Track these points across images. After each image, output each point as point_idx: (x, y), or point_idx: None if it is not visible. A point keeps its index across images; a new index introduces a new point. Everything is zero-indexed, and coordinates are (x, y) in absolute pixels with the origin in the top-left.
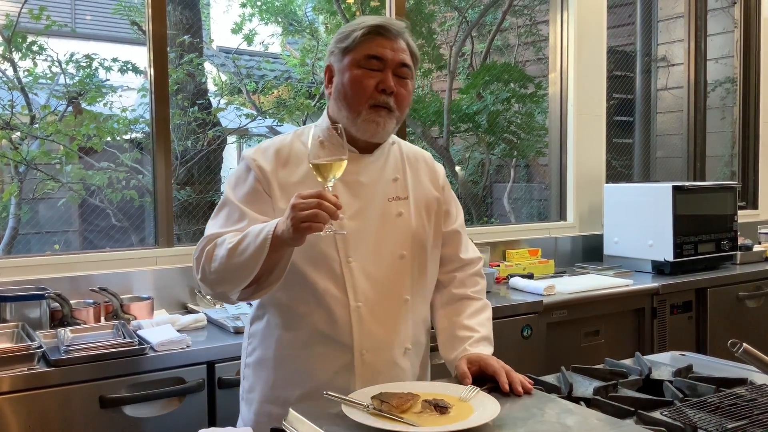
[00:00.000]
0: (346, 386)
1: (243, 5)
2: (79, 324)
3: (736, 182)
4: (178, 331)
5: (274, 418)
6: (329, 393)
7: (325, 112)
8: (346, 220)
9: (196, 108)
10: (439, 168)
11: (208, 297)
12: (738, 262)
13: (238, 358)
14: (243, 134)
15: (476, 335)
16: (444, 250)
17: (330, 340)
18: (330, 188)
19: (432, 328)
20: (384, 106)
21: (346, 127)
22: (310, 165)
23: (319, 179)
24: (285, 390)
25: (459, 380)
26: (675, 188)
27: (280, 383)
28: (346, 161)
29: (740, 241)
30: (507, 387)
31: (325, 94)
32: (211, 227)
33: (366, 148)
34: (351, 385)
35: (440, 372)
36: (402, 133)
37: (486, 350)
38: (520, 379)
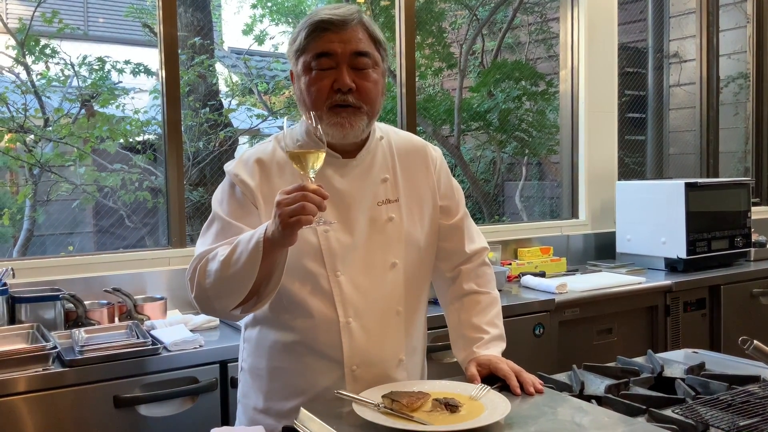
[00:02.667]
0: (339, 400)
1: (254, 6)
2: (93, 324)
3: (749, 178)
4: (191, 331)
5: (266, 428)
6: (340, 392)
7: (297, 124)
8: (333, 232)
9: (207, 109)
10: (434, 153)
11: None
12: (752, 259)
13: None
14: (254, 135)
15: (486, 336)
16: (446, 245)
17: (320, 355)
18: (313, 179)
19: (433, 328)
20: (344, 104)
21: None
22: (287, 154)
23: (300, 171)
24: (278, 402)
25: (468, 382)
26: (688, 185)
27: (273, 395)
28: (324, 152)
29: (754, 237)
30: (518, 390)
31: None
32: (201, 245)
33: (349, 151)
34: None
35: (448, 371)
36: (412, 133)
37: (497, 350)
38: (532, 379)
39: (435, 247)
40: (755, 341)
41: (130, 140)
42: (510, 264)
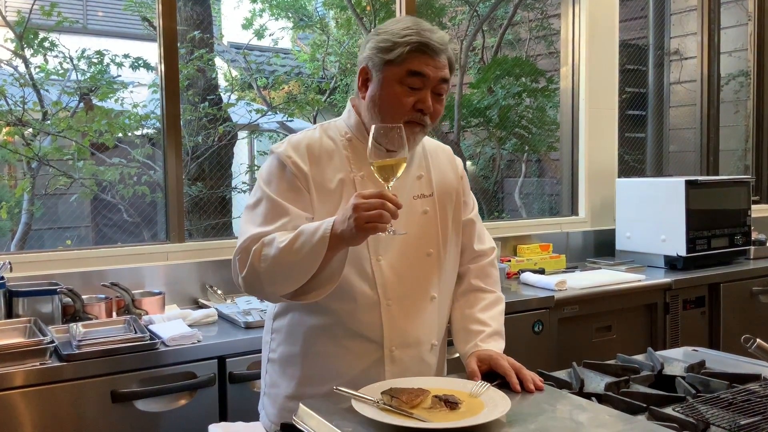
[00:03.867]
0: (338, 397)
1: (253, 1)
2: (91, 319)
3: (749, 176)
4: (189, 326)
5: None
6: (339, 388)
7: (349, 107)
8: None
9: (206, 103)
10: (458, 159)
11: (246, 295)
12: (751, 257)
13: (250, 353)
14: (254, 130)
15: (488, 330)
16: None
17: (360, 336)
18: (390, 188)
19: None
20: (419, 123)
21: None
22: (372, 166)
23: (381, 180)
24: (313, 387)
25: (468, 377)
26: (688, 183)
27: (308, 380)
28: (405, 160)
29: (754, 235)
30: (518, 387)
31: (356, 93)
32: (251, 226)
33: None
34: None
35: (454, 367)
36: None
37: (497, 345)
38: (532, 376)
39: (460, 239)
40: (758, 340)
41: (129, 134)
42: (509, 261)
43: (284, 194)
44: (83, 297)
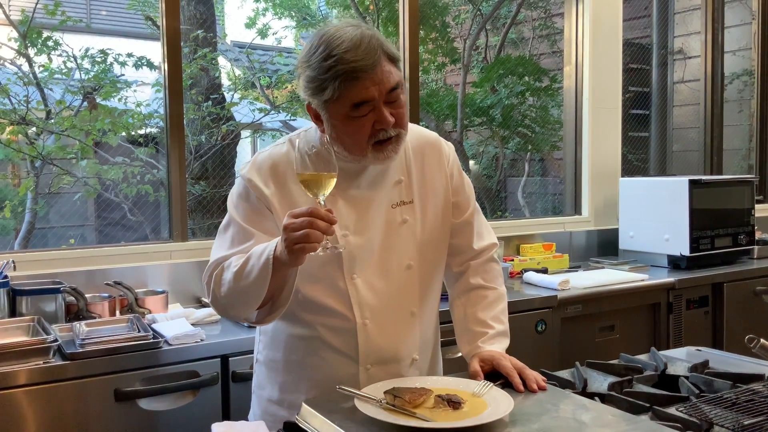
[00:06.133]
0: (341, 396)
1: (257, 0)
2: (95, 318)
3: (753, 176)
4: (192, 324)
5: (278, 419)
6: (342, 387)
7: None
8: (350, 236)
9: (209, 103)
10: (447, 149)
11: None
12: (755, 257)
13: (252, 352)
14: (257, 129)
15: (491, 332)
16: (455, 241)
17: (336, 351)
18: (323, 202)
19: (445, 323)
20: (385, 140)
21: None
22: (297, 177)
23: (309, 194)
24: (292, 394)
25: (471, 377)
26: (692, 182)
27: (288, 387)
28: (335, 176)
29: (758, 235)
30: (521, 387)
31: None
32: (218, 250)
33: None
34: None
35: (454, 367)
36: None
37: (500, 346)
38: (535, 376)
39: (447, 244)
40: (762, 340)
41: (132, 133)
42: (512, 260)
43: (249, 218)
44: (86, 296)
